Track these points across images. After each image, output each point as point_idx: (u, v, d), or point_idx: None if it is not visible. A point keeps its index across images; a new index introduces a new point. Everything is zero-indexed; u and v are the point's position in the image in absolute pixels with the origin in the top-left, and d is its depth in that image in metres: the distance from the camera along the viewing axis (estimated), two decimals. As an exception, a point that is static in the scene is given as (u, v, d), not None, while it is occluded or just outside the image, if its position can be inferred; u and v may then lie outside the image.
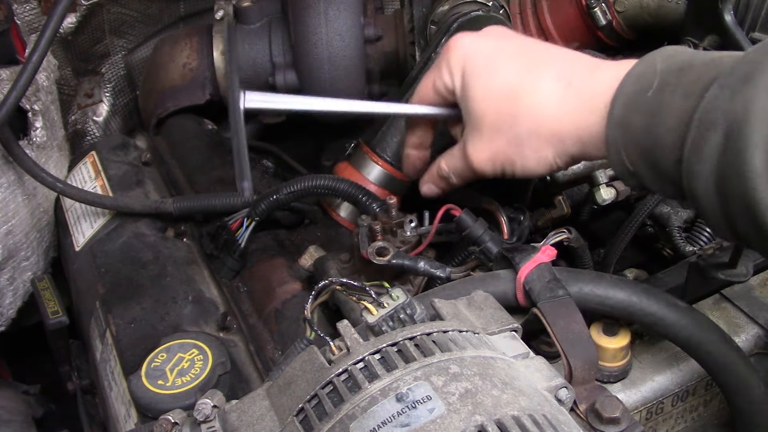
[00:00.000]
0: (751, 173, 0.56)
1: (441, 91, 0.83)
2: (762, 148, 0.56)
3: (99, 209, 1.22)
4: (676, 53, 0.68)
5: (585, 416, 0.68)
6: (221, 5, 1.42)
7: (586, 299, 0.80)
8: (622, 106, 0.68)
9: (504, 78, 0.76)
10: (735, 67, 0.61)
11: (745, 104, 0.58)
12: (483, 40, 0.81)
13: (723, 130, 0.59)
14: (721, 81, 0.61)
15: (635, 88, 0.67)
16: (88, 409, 1.20)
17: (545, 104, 0.74)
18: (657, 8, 1.18)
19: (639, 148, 0.67)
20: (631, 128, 0.67)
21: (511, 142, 0.76)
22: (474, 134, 0.79)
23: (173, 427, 0.67)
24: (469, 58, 0.79)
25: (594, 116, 0.71)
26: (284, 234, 1.16)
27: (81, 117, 1.55)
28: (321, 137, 1.55)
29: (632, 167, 0.69)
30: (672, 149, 0.64)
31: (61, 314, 1.13)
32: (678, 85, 0.64)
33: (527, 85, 0.75)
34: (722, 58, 0.64)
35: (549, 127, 0.74)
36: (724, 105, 0.59)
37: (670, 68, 0.66)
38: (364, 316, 0.64)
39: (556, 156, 0.76)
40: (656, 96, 0.65)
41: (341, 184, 1.04)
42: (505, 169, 0.79)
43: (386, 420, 0.53)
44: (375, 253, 0.87)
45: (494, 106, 0.76)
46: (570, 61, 0.76)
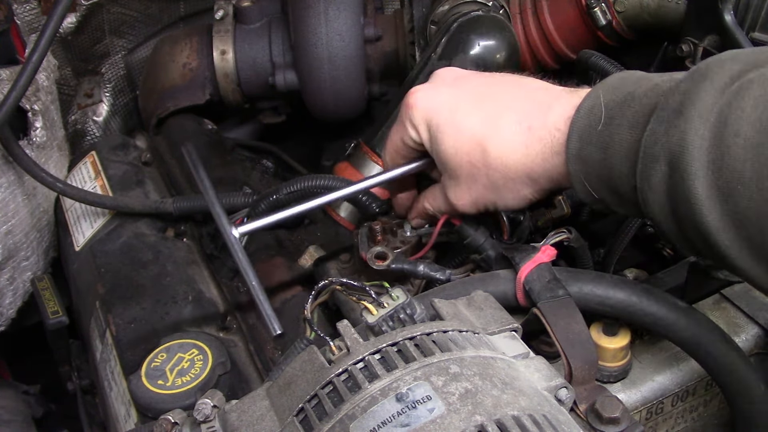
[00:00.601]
0: (696, 200, 0.59)
1: (411, 145, 0.85)
2: (702, 175, 0.59)
3: (99, 209, 1.22)
4: (621, 84, 0.70)
5: (585, 416, 0.68)
6: (221, 5, 1.43)
7: (586, 299, 0.80)
8: (577, 140, 0.70)
9: (469, 131, 0.78)
10: (668, 98, 0.63)
11: (680, 136, 0.61)
12: (440, 92, 0.83)
13: (666, 162, 0.62)
14: (658, 114, 0.63)
15: (586, 122, 0.70)
16: (88, 409, 1.20)
17: (512, 151, 0.76)
18: (657, 8, 1.18)
19: (598, 178, 0.70)
20: (589, 161, 0.70)
21: (488, 187, 0.79)
22: (452, 183, 0.82)
23: (173, 427, 0.67)
24: (431, 113, 0.81)
25: (558, 157, 0.73)
26: (284, 234, 1.16)
27: (81, 117, 1.55)
28: (321, 137, 1.55)
29: (597, 195, 0.72)
30: (627, 177, 0.67)
31: (61, 314, 1.13)
32: (623, 117, 0.67)
33: (492, 135, 0.77)
34: (661, 86, 0.66)
35: (521, 172, 0.77)
36: (662, 138, 0.62)
37: (614, 101, 0.69)
38: (364, 316, 0.64)
39: (533, 193, 0.79)
40: (605, 129, 0.68)
41: (341, 184, 1.04)
42: (488, 207, 0.83)
43: (386, 420, 0.53)
44: (374, 257, 0.87)
45: (466, 159, 0.79)
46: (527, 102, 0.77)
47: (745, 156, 0.57)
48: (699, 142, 0.59)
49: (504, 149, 0.77)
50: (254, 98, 1.47)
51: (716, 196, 0.59)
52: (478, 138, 0.78)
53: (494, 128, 0.77)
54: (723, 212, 0.59)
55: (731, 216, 0.58)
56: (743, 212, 0.57)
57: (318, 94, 1.34)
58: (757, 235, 0.57)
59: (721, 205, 0.59)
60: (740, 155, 0.57)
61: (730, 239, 0.59)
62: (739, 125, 0.58)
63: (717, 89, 0.61)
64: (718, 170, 0.58)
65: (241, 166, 1.32)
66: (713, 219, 0.59)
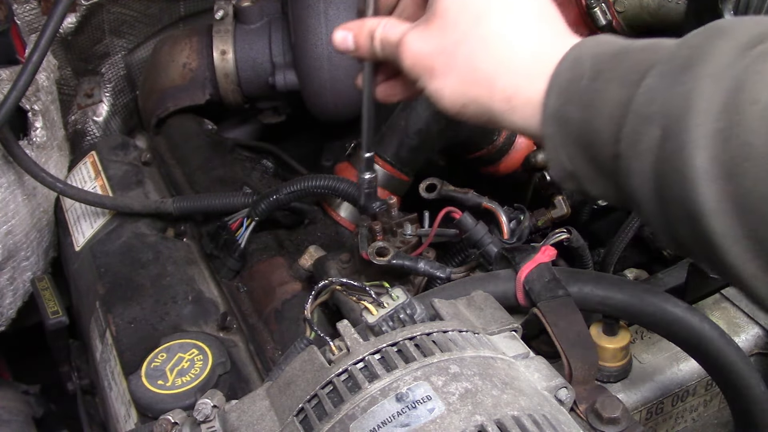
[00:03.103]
0: (692, 174, 0.50)
1: None
2: (704, 145, 0.50)
3: (99, 209, 1.22)
4: (613, 39, 0.61)
5: (585, 416, 0.68)
6: (221, 5, 1.43)
7: (586, 299, 0.79)
8: (556, 97, 0.61)
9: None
10: (675, 52, 0.55)
11: (685, 95, 0.51)
12: None
13: (661, 125, 0.52)
14: (660, 68, 0.54)
15: (568, 76, 0.61)
16: (88, 409, 1.20)
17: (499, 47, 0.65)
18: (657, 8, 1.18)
19: (576, 142, 0.60)
20: (568, 122, 0.60)
21: (447, 52, 0.67)
22: (422, 24, 0.69)
23: (173, 427, 0.67)
24: None
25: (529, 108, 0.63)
26: (284, 234, 1.16)
27: (81, 117, 1.55)
28: (321, 137, 1.55)
29: (571, 165, 0.62)
30: (609, 143, 0.57)
31: (61, 314, 1.13)
32: (613, 71, 0.58)
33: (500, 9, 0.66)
34: (662, 43, 0.57)
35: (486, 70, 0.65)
36: (661, 96, 0.53)
37: (605, 53, 0.59)
38: (364, 316, 0.64)
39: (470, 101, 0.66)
40: (591, 84, 0.58)
41: (341, 184, 1.04)
42: (423, 75, 0.69)
43: (386, 420, 0.53)
44: (375, 253, 0.87)
45: (457, 10, 0.67)
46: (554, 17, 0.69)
47: (760, 126, 0.48)
48: (706, 104, 0.50)
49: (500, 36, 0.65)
50: (254, 98, 1.47)
51: (717, 173, 0.49)
52: (487, 7, 0.66)
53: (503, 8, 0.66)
54: (723, 193, 0.49)
55: (732, 199, 0.49)
56: (747, 195, 0.48)
57: (318, 94, 1.34)
58: (761, 225, 0.48)
59: (721, 184, 0.49)
60: (754, 126, 0.48)
61: (726, 226, 0.50)
62: (759, 92, 0.48)
63: (736, 48, 0.52)
64: (725, 141, 0.49)
65: (241, 166, 1.32)
66: (709, 199, 0.50)
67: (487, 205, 0.95)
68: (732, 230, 0.50)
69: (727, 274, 0.53)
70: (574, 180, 0.63)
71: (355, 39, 0.74)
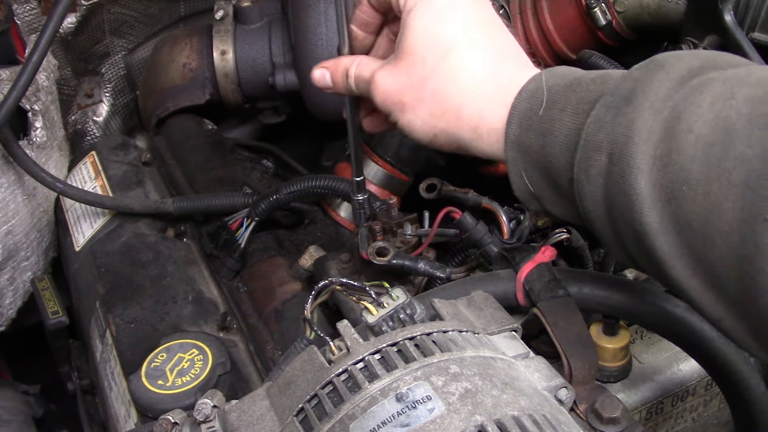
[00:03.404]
0: (636, 196, 0.55)
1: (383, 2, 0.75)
2: (646, 170, 0.54)
3: (99, 209, 1.22)
4: (568, 71, 0.66)
5: (585, 416, 0.68)
6: (221, 5, 1.43)
7: (586, 299, 0.79)
8: (517, 126, 0.65)
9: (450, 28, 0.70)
10: (619, 84, 0.59)
11: (627, 125, 0.56)
12: None
13: (607, 152, 0.57)
14: (605, 99, 0.59)
15: (527, 106, 0.65)
16: (88, 409, 1.20)
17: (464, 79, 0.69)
18: (657, 8, 1.18)
19: (536, 167, 0.65)
20: (528, 149, 0.65)
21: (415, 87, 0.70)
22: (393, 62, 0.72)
23: (173, 427, 0.67)
24: None
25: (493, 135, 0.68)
26: (284, 234, 1.16)
27: (81, 117, 1.55)
28: (321, 137, 1.55)
29: (533, 188, 0.66)
30: (565, 168, 0.62)
31: (61, 314, 1.13)
32: (566, 102, 0.62)
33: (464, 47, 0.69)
34: (611, 75, 0.62)
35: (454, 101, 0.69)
36: (607, 126, 0.58)
37: (558, 84, 0.64)
38: (364, 316, 0.64)
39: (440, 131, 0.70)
40: (546, 114, 0.63)
41: (341, 184, 1.04)
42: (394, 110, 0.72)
43: (386, 420, 0.53)
44: (375, 253, 0.87)
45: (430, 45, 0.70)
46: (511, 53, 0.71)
47: (695, 154, 0.52)
48: (647, 134, 0.55)
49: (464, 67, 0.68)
50: (254, 98, 1.47)
51: (659, 196, 0.54)
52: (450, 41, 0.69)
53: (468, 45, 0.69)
54: (664, 214, 0.54)
55: (672, 219, 0.54)
56: (686, 216, 0.53)
57: (318, 94, 1.34)
58: (698, 243, 0.53)
59: (662, 206, 0.54)
60: (690, 153, 0.53)
61: (669, 244, 0.55)
62: (694, 121, 0.53)
63: (673, 81, 0.56)
64: (664, 167, 0.54)
65: (241, 166, 1.32)
66: (653, 220, 0.55)
67: (487, 205, 0.95)
68: (674, 248, 0.55)
69: (674, 289, 0.57)
70: (537, 201, 0.68)
71: (332, 77, 0.78)
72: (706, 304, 0.56)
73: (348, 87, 0.77)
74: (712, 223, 0.52)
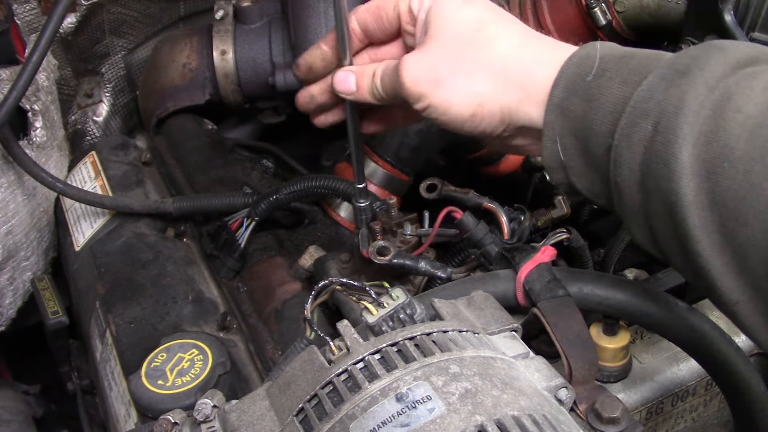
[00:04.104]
0: (677, 166, 0.56)
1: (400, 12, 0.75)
2: (691, 142, 0.55)
3: (99, 209, 1.22)
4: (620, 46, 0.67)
5: (585, 416, 0.68)
6: (221, 5, 1.43)
7: (586, 299, 0.79)
8: (563, 89, 0.66)
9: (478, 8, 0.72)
10: (675, 59, 0.60)
11: (680, 96, 0.57)
12: None
13: (654, 120, 0.58)
14: (660, 71, 0.60)
15: (575, 71, 0.66)
16: (88, 409, 1.20)
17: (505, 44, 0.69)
18: (657, 8, 1.18)
19: (574, 133, 0.65)
20: (569, 113, 0.65)
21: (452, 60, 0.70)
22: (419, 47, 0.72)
23: (173, 427, 0.67)
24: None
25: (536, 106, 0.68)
26: (284, 234, 1.16)
27: (81, 117, 1.55)
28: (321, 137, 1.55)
29: (564, 156, 0.67)
30: (605, 135, 0.62)
31: (61, 314, 1.13)
32: (617, 71, 0.63)
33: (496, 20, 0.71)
34: (664, 53, 0.63)
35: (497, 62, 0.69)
36: (658, 95, 0.59)
37: (611, 54, 0.65)
38: (364, 316, 0.64)
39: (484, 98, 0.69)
40: (595, 81, 0.64)
41: (341, 184, 1.04)
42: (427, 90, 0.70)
43: (386, 420, 0.53)
44: (376, 252, 0.87)
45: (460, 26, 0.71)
46: None
47: (740, 133, 0.54)
48: (697, 107, 0.56)
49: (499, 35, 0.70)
50: (254, 98, 1.47)
51: (698, 169, 0.55)
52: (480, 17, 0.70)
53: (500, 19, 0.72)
54: (701, 188, 0.55)
55: (708, 194, 0.55)
56: (722, 193, 0.54)
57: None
58: (731, 221, 0.54)
59: (701, 180, 0.55)
60: (736, 131, 0.54)
61: (701, 218, 0.55)
62: (744, 102, 0.54)
63: (730, 63, 0.57)
64: (708, 143, 0.55)
65: (241, 166, 1.32)
66: (689, 192, 0.55)
67: (488, 205, 0.95)
68: (705, 223, 0.55)
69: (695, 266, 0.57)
70: (563, 171, 0.68)
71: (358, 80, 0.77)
72: (726, 285, 0.56)
73: (374, 90, 0.76)
74: (748, 201, 0.53)
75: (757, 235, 0.52)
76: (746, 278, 0.55)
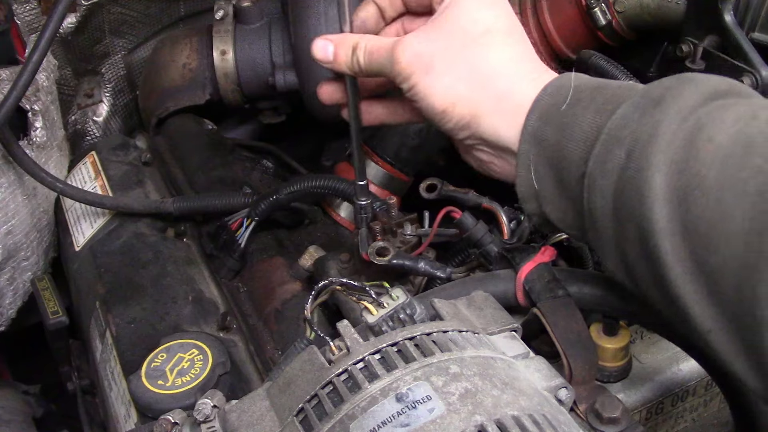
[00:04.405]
0: (650, 192, 0.57)
1: None
2: (664, 170, 0.56)
3: (99, 209, 1.22)
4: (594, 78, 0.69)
5: (585, 416, 0.68)
6: (221, 5, 1.43)
7: (586, 299, 0.79)
8: (537, 118, 0.67)
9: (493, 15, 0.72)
10: (649, 89, 0.62)
11: (653, 125, 0.58)
12: None
13: (628, 148, 0.59)
14: (634, 100, 0.61)
15: (550, 101, 0.67)
16: (88, 409, 1.20)
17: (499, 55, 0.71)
18: (657, 8, 1.18)
19: (548, 162, 0.67)
20: (543, 142, 0.67)
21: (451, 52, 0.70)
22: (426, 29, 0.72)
23: (173, 427, 0.67)
24: None
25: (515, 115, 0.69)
26: (284, 234, 1.16)
27: (81, 117, 1.55)
28: (321, 137, 1.55)
29: (538, 185, 0.68)
30: (578, 164, 0.64)
31: (61, 314, 1.13)
32: (591, 100, 0.65)
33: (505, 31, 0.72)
34: (637, 85, 0.65)
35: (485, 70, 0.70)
36: (632, 123, 0.60)
37: (585, 84, 0.66)
38: (364, 316, 0.64)
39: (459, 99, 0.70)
40: (569, 109, 0.65)
41: (341, 184, 1.04)
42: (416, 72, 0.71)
43: (386, 420, 0.53)
44: (375, 253, 0.87)
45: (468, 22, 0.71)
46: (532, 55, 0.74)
47: (713, 162, 0.54)
48: (670, 136, 0.57)
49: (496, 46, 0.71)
50: (254, 98, 1.47)
51: (670, 196, 0.56)
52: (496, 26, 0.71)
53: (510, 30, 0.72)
54: (673, 215, 0.56)
55: (680, 221, 0.55)
56: (694, 220, 0.54)
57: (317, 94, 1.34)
58: (702, 247, 0.54)
59: (673, 207, 0.56)
60: (708, 160, 0.55)
61: (673, 245, 0.56)
62: (715, 132, 0.56)
63: (702, 95, 0.59)
64: (681, 171, 0.56)
65: (241, 166, 1.32)
66: (661, 218, 0.56)
67: (488, 205, 0.95)
68: (677, 250, 0.56)
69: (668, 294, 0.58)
70: (536, 201, 0.70)
71: (336, 50, 0.76)
72: (697, 313, 0.56)
73: (352, 62, 0.75)
74: (719, 228, 0.53)
75: (729, 263, 0.53)
76: (718, 306, 0.55)
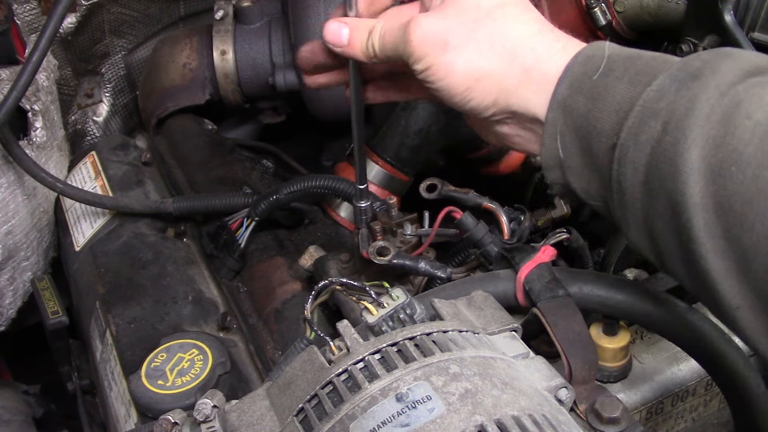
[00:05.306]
0: (684, 167, 0.56)
1: None
2: (700, 145, 0.55)
3: (99, 209, 1.22)
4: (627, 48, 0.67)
5: (585, 416, 0.68)
6: (221, 5, 1.43)
7: (586, 299, 0.80)
8: (567, 87, 0.65)
9: None
10: (686, 62, 0.61)
11: (690, 99, 0.57)
12: None
13: (664, 121, 0.58)
14: (671, 73, 0.60)
15: (582, 69, 0.65)
16: (88, 409, 1.20)
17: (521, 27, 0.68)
18: (657, 8, 1.18)
19: (575, 132, 0.65)
20: (572, 111, 0.65)
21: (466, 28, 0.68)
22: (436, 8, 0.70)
23: (173, 427, 0.67)
24: None
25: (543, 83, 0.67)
26: (284, 234, 1.16)
27: (81, 117, 1.55)
28: (321, 137, 1.55)
29: (563, 154, 0.66)
30: (609, 134, 0.62)
31: (61, 314, 1.13)
32: (625, 71, 0.63)
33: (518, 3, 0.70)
34: (671, 57, 0.64)
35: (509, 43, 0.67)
36: (669, 96, 0.59)
37: (618, 54, 0.65)
38: (364, 316, 0.64)
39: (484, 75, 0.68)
40: (602, 79, 0.64)
41: (341, 184, 1.04)
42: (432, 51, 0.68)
43: (386, 420, 0.53)
44: (376, 252, 0.87)
45: None
46: None
47: (750, 139, 0.54)
48: (708, 111, 0.56)
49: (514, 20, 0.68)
50: (254, 98, 1.47)
51: (706, 171, 0.55)
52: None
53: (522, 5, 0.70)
54: (707, 190, 0.55)
55: (714, 197, 0.55)
56: (729, 197, 0.54)
57: (318, 94, 1.34)
58: (736, 225, 0.54)
59: (707, 183, 0.55)
60: (746, 137, 0.54)
61: (705, 221, 0.55)
62: (754, 109, 0.55)
63: (740, 71, 0.58)
64: (717, 147, 0.55)
65: (241, 166, 1.32)
66: (695, 193, 0.55)
67: (488, 205, 0.94)
68: (709, 226, 0.55)
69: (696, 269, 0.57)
70: (560, 170, 0.68)
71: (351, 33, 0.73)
72: (726, 289, 0.56)
73: (367, 47, 0.72)
74: (755, 206, 0.53)
75: (763, 241, 0.52)
76: (748, 283, 0.55)
